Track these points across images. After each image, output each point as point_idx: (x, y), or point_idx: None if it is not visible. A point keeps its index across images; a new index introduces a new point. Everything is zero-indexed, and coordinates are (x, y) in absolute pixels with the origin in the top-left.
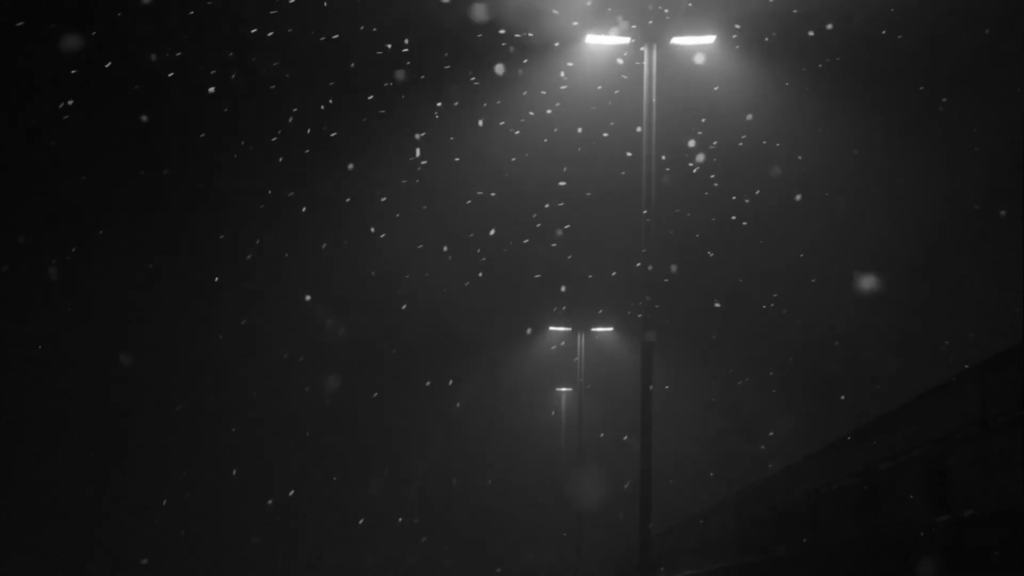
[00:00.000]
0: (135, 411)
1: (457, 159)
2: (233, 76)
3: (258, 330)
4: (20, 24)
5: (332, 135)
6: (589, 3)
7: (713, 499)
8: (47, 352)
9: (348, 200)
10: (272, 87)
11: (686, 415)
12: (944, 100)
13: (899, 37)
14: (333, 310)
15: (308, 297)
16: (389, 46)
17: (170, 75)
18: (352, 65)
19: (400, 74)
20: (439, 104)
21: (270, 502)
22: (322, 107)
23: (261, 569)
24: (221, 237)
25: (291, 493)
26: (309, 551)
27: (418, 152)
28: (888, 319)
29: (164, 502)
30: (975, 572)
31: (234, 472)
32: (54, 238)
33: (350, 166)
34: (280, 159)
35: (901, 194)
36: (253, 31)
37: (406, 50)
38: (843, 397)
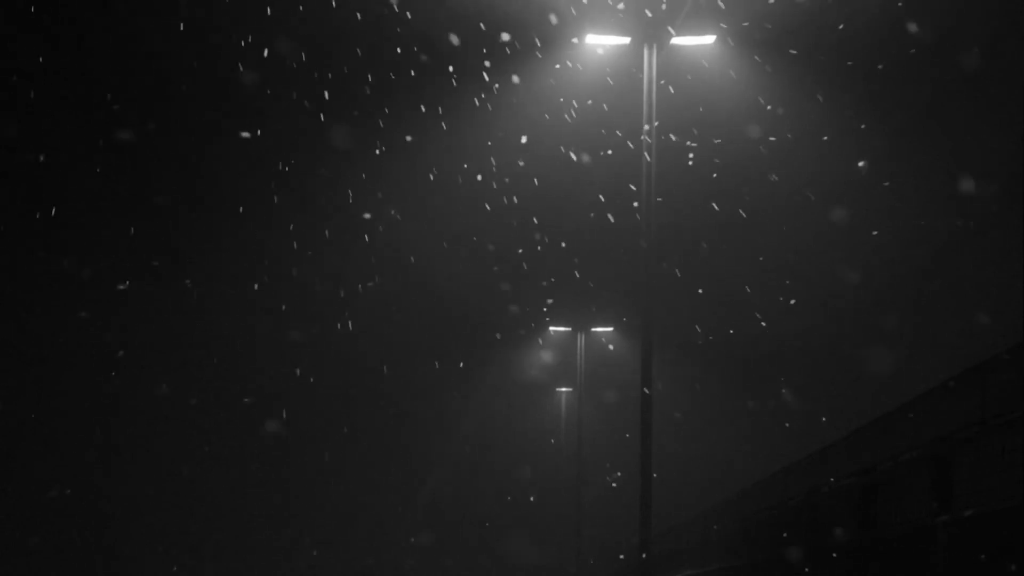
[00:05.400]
0: (135, 411)
1: (455, 159)
2: (236, 71)
3: (258, 331)
4: (17, 24)
5: (330, 136)
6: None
7: (713, 499)
8: (47, 352)
9: (347, 201)
10: (272, 86)
11: (686, 414)
12: (947, 101)
13: (902, 38)
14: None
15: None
16: (385, 48)
17: (168, 74)
18: (350, 65)
19: (400, 75)
20: (440, 104)
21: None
22: (322, 107)
23: (261, 569)
24: (221, 236)
25: (293, 495)
26: (309, 551)
27: (416, 152)
28: (889, 319)
29: (164, 502)
30: (975, 572)
31: (234, 473)
32: (54, 238)
33: (347, 167)
34: (278, 159)
35: (903, 195)
36: (248, 35)
37: (404, 50)
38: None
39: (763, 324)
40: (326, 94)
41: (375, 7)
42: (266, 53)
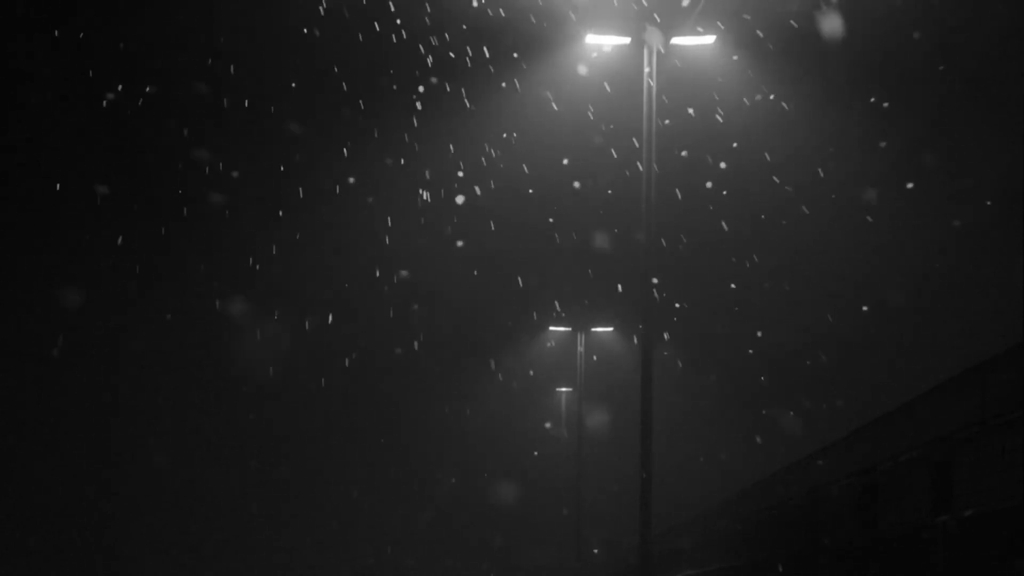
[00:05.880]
0: (135, 411)
1: (455, 159)
2: (231, 71)
3: (258, 332)
4: (17, 24)
5: (331, 135)
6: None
7: (713, 499)
8: (47, 352)
9: (348, 201)
10: (271, 86)
11: (686, 415)
12: (952, 104)
13: (910, 41)
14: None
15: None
16: (387, 47)
17: (169, 74)
18: (339, 67)
19: (401, 74)
20: (438, 105)
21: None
22: (321, 110)
23: (261, 569)
24: (221, 236)
25: (293, 495)
26: (309, 551)
27: (416, 152)
28: (890, 320)
29: (164, 502)
30: (975, 572)
31: (234, 473)
32: (53, 238)
33: (348, 167)
34: (278, 160)
35: (906, 196)
36: (248, 30)
37: (403, 48)
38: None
39: (765, 324)
40: (324, 97)
41: (372, 13)
42: (267, 54)
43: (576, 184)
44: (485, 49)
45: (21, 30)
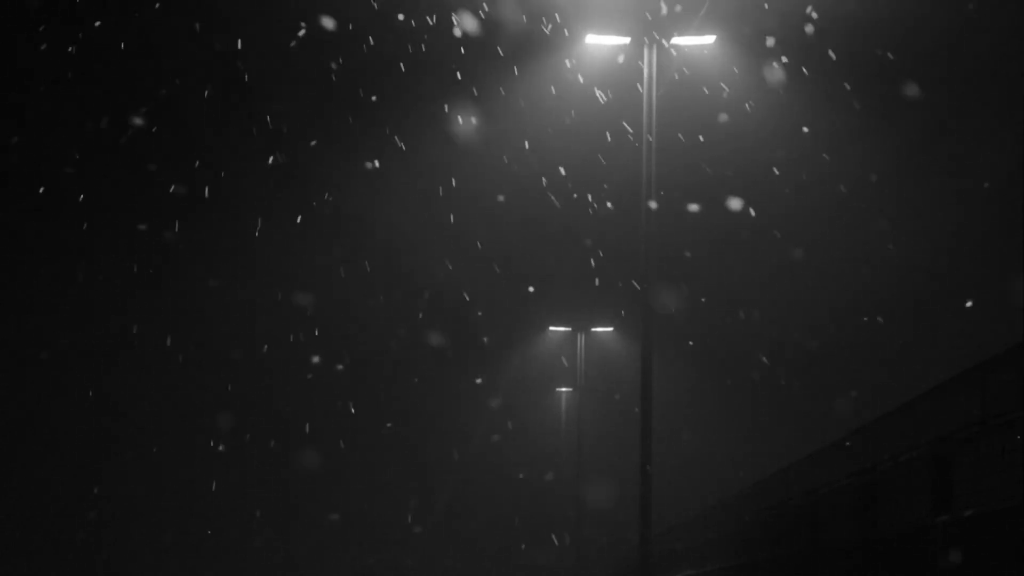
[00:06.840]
0: (135, 411)
1: (455, 159)
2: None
3: (258, 333)
4: (18, 22)
5: (332, 140)
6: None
7: (713, 499)
8: (46, 352)
9: (348, 200)
10: (271, 87)
11: (687, 415)
12: (953, 104)
13: (912, 41)
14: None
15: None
16: (388, 46)
17: (170, 73)
18: (346, 64)
19: (401, 73)
20: (439, 103)
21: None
22: (321, 112)
23: (261, 569)
24: (221, 236)
25: (294, 495)
26: (309, 551)
27: (416, 153)
28: (890, 320)
29: (164, 502)
30: (975, 572)
31: (234, 473)
32: (53, 238)
33: (347, 164)
34: (279, 158)
35: (907, 197)
36: (245, 27)
37: (404, 49)
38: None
39: (763, 324)
40: (324, 99)
41: (374, 17)
42: (266, 53)
43: (577, 183)
44: (484, 50)
45: (22, 29)
